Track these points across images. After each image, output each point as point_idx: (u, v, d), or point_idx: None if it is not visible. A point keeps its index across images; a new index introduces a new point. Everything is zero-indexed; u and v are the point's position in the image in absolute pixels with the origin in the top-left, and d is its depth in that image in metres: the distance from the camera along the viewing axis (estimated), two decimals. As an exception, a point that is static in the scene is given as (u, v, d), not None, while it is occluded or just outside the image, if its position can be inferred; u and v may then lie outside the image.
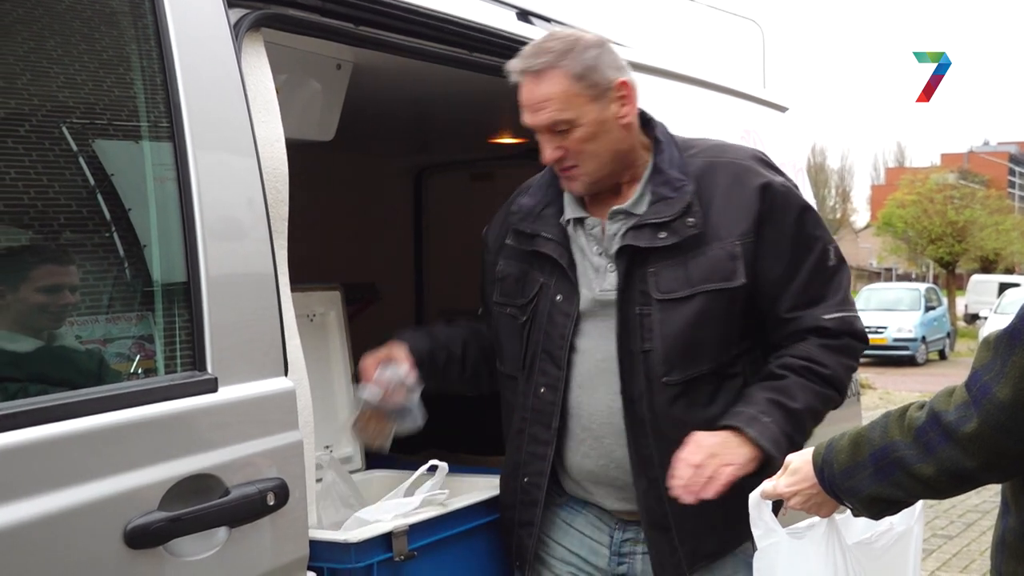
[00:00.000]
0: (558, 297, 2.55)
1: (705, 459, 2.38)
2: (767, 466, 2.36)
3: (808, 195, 4.69)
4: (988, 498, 8.84)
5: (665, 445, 2.45)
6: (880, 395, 16.86)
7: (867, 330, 2.66)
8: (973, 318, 34.46)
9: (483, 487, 2.83)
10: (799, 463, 2.13)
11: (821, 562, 2.18)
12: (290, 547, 2.09)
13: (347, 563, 2.28)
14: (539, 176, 2.71)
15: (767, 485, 2.20)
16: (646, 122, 2.62)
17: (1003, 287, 33.10)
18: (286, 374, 2.13)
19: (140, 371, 1.97)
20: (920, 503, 2.28)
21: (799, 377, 2.47)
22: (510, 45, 2.96)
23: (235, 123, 2.11)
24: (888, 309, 25.00)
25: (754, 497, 2.23)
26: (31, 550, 1.63)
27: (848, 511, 2.11)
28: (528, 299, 2.59)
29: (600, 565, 2.61)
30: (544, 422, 2.56)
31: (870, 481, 1.95)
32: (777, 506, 2.29)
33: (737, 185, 2.52)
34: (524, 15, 3.27)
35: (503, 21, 3.04)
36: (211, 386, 1.95)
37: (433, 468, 2.72)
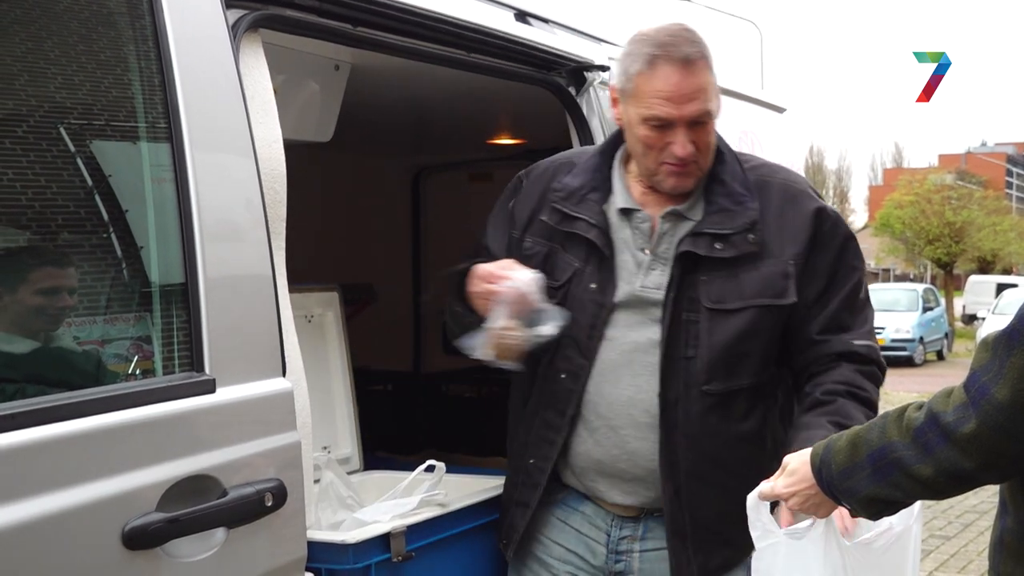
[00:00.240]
0: (592, 285, 2.52)
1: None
2: None
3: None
4: (986, 498, 8.84)
5: (695, 454, 2.46)
6: (878, 395, 16.83)
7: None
8: (971, 319, 34.50)
9: (481, 488, 2.83)
10: (797, 464, 2.13)
11: (819, 563, 2.18)
12: (288, 548, 2.09)
13: (345, 564, 2.29)
14: (580, 157, 2.66)
15: (765, 486, 2.20)
16: None
17: (1001, 288, 33.15)
18: (284, 375, 2.13)
19: (138, 372, 1.97)
20: (919, 503, 2.28)
21: (847, 399, 2.46)
22: (508, 46, 2.96)
23: (233, 124, 2.11)
24: (886, 310, 24.99)
25: (752, 498, 2.23)
26: (29, 551, 1.63)
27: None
28: (560, 283, 2.54)
29: (598, 564, 2.61)
30: (559, 408, 2.54)
31: (868, 482, 1.95)
32: (773, 507, 2.29)
33: (792, 206, 2.54)
34: (522, 16, 3.27)
35: (501, 22, 3.04)
36: (209, 387, 1.95)
37: (431, 468, 2.72)
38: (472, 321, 2.48)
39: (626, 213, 2.55)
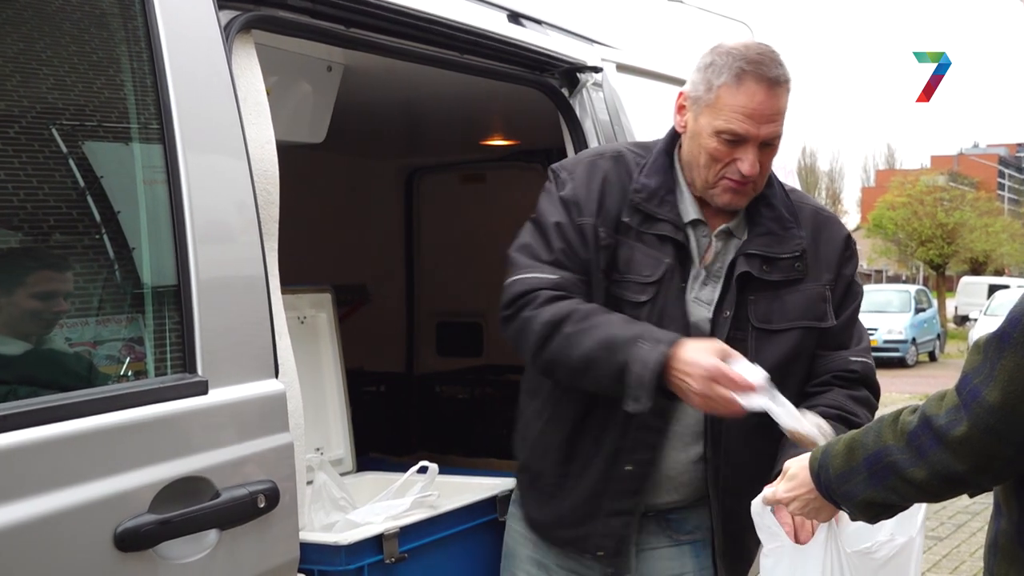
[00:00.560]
0: (682, 285, 2.50)
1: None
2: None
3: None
4: (979, 499, 8.85)
5: (735, 472, 2.48)
6: (870, 396, 16.85)
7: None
8: (963, 320, 34.58)
9: (474, 489, 2.83)
10: (796, 469, 2.13)
11: (820, 570, 2.19)
12: (281, 549, 2.08)
13: (338, 565, 2.28)
14: (645, 157, 2.59)
15: (768, 491, 2.21)
16: None
17: (993, 289, 33.21)
18: (276, 376, 2.13)
19: (130, 373, 1.97)
20: (921, 515, 2.29)
21: (838, 424, 2.42)
22: (501, 47, 2.96)
23: (225, 125, 2.11)
24: (878, 311, 25.03)
25: (756, 503, 2.24)
26: (21, 553, 1.62)
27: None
28: (652, 279, 2.47)
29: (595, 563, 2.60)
30: (657, 408, 2.35)
31: (864, 485, 1.95)
32: None
33: (826, 232, 2.61)
34: (515, 17, 3.27)
35: (494, 23, 3.04)
36: (201, 388, 1.94)
37: (424, 470, 2.72)
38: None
39: (694, 224, 2.53)
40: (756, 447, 2.46)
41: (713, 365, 2.22)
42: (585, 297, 2.45)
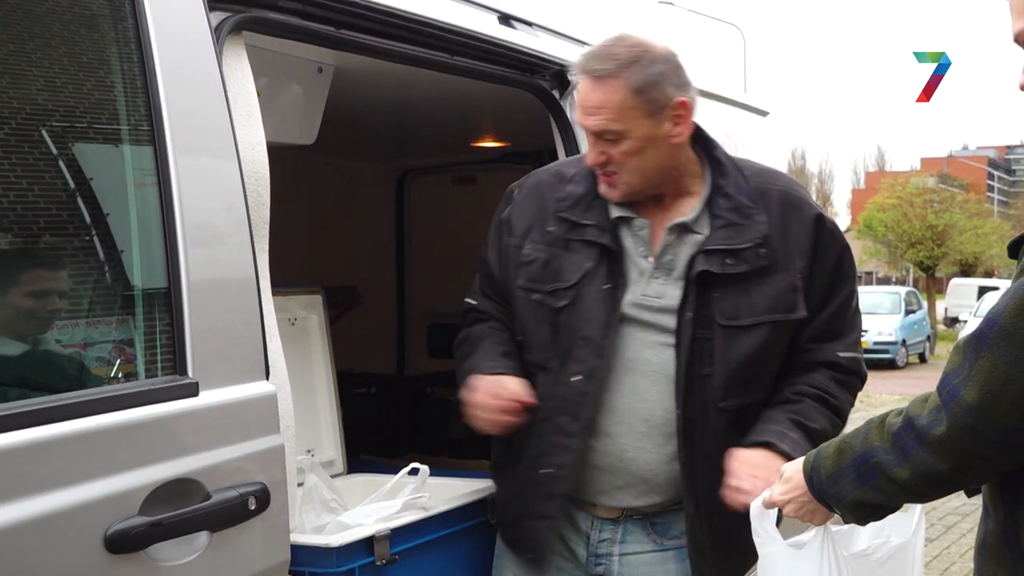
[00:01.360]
0: (606, 286, 2.51)
1: (755, 470, 2.39)
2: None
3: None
4: (968, 500, 8.83)
5: (713, 469, 2.46)
6: (861, 398, 16.74)
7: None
8: (953, 321, 34.67)
9: (465, 490, 2.83)
10: (791, 472, 2.16)
11: (816, 573, 2.20)
12: (272, 551, 2.08)
13: (329, 567, 2.28)
14: (572, 167, 2.67)
15: (765, 494, 2.23)
16: (703, 139, 2.61)
17: (982, 291, 33.29)
18: (267, 378, 2.12)
19: (120, 375, 1.96)
20: (918, 516, 2.30)
21: (814, 402, 2.50)
22: (491, 49, 2.97)
23: (216, 126, 2.11)
24: (868, 312, 24.92)
25: (756, 507, 2.25)
26: (10, 555, 1.62)
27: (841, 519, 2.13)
28: (571, 283, 2.52)
29: (579, 563, 2.60)
30: (572, 412, 2.49)
31: (853, 486, 1.98)
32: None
33: (794, 215, 2.55)
34: (506, 19, 3.27)
35: (485, 25, 3.04)
36: (192, 390, 1.94)
37: (415, 471, 2.72)
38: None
39: (624, 220, 2.55)
40: (732, 443, 2.47)
41: (485, 384, 2.51)
42: (506, 318, 2.65)
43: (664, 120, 2.46)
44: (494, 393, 2.50)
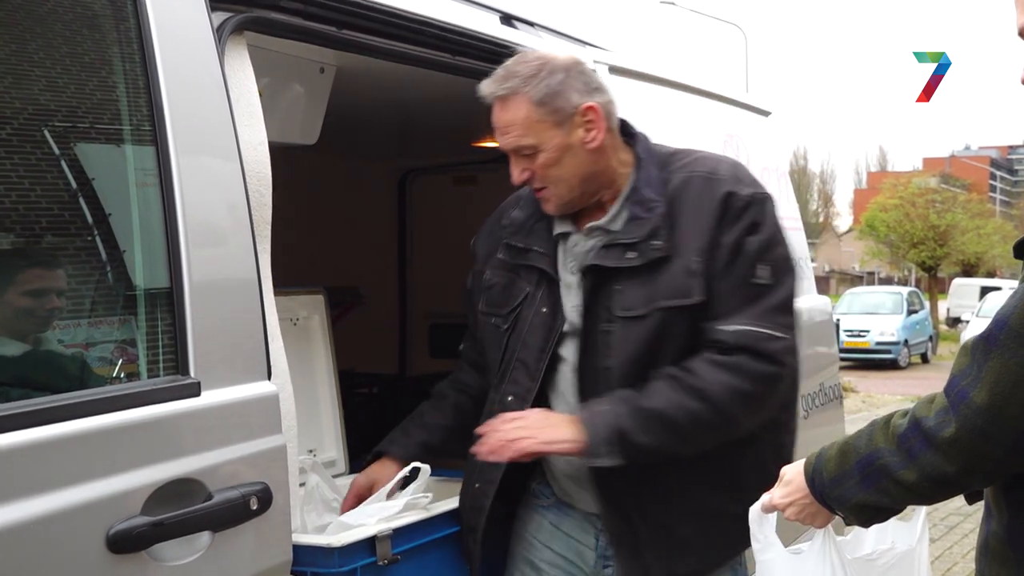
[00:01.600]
0: (544, 309, 2.55)
1: (514, 428, 2.42)
2: (594, 455, 2.38)
3: (790, 199, 4.71)
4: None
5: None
6: (863, 398, 16.90)
7: (849, 334, 2.66)
8: (955, 322, 34.62)
9: (467, 491, 2.82)
10: (792, 474, 2.14)
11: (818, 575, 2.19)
12: (273, 551, 2.08)
13: (331, 567, 2.28)
14: (529, 188, 2.69)
15: (765, 498, 2.22)
16: (631, 135, 2.61)
17: (984, 291, 33.27)
18: (269, 378, 2.13)
19: (123, 375, 1.96)
20: (921, 522, 2.29)
21: (662, 382, 2.42)
22: (493, 49, 2.97)
23: (218, 127, 2.11)
24: (870, 313, 25.06)
25: (754, 511, 2.24)
26: (13, 555, 1.62)
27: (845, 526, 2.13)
28: (512, 307, 2.59)
29: (586, 568, 2.61)
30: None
31: (857, 489, 1.97)
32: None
33: (704, 197, 2.48)
34: (507, 19, 3.27)
35: (486, 25, 3.04)
36: (194, 390, 1.94)
37: (415, 471, 2.72)
38: None
39: (563, 236, 2.58)
40: None
41: (357, 483, 2.77)
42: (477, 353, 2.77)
43: (574, 128, 2.48)
44: (355, 493, 2.73)
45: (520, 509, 2.72)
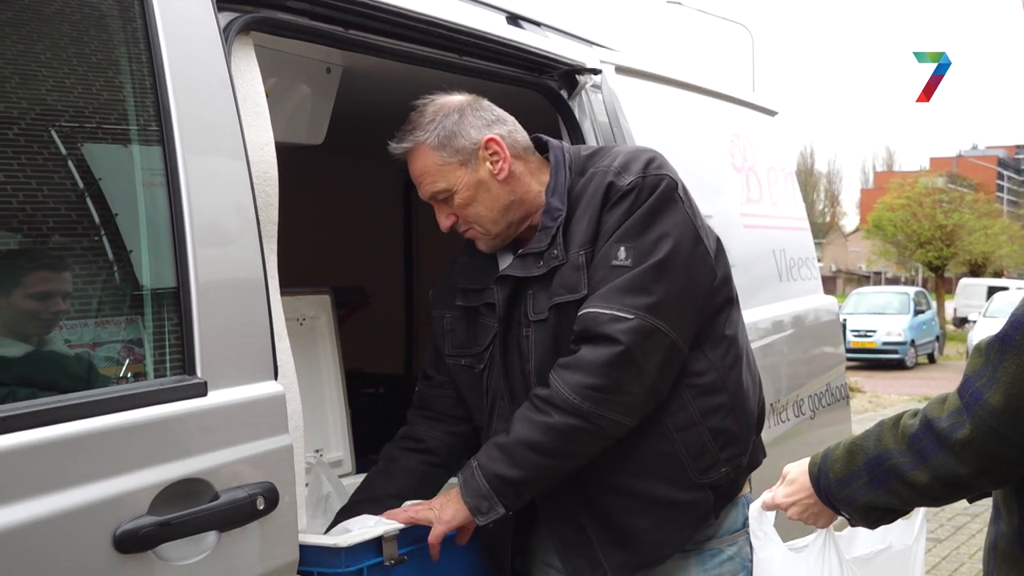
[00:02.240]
0: (503, 345, 2.56)
1: (422, 513, 2.46)
2: (479, 512, 2.43)
3: (797, 199, 4.70)
4: (978, 502, 8.83)
5: None
6: (869, 398, 16.88)
7: (856, 334, 2.65)
8: (962, 322, 34.57)
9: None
10: (796, 473, 2.13)
11: (816, 575, 2.18)
12: (280, 551, 2.08)
13: (337, 567, 2.28)
14: None
15: (766, 496, 2.21)
16: (544, 148, 2.62)
17: (992, 291, 33.20)
18: (276, 378, 2.13)
19: (129, 375, 1.97)
20: (919, 522, 2.28)
21: (520, 409, 2.46)
22: (500, 49, 2.97)
23: (225, 127, 2.11)
24: (877, 313, 25.02)
25: (754, 508, 2.24)
26: (20, 555, 1.62)
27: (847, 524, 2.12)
28: (484, 346, 2.59)
29: None
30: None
31: (865, 489, 1.95)
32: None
33: (596, 191, 2.48)
34: (514, 19, 3.27)
35: (493, 25, 3.04)
36: (200, 390, 1.94)
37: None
38: None
39: (503, 278, 2.58)
40: None
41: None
42: (438, 392, 2.76)
43: (480, 163, 2.51)
44: None
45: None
